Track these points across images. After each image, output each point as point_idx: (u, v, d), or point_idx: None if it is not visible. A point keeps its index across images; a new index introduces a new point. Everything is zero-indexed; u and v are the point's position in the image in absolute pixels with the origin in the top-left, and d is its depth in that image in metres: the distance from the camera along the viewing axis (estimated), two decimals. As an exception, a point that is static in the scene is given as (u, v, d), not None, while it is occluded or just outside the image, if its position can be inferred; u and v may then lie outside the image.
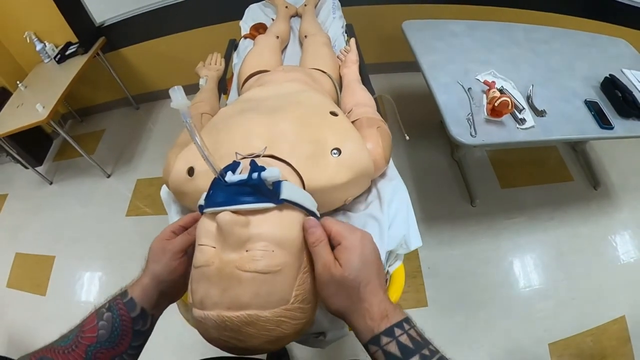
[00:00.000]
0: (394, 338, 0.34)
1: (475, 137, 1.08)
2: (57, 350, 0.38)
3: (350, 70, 1.01)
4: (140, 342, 0.44)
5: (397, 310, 0.36)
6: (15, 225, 2.01)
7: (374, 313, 0.35)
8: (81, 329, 0.40)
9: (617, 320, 1.38)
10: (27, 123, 1.73)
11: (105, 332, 0.40)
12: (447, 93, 1.21)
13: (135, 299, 0.42)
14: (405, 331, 0.34)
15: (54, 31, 2.04)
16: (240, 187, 0.38)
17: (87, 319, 0.41)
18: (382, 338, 0.34)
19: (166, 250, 0.44)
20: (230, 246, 0.37)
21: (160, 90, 2.49)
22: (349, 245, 0.38)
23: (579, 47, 1.51)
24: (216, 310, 0.36)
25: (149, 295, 0.43)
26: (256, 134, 0.57)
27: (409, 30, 1.50)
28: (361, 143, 0.59)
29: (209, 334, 0.37)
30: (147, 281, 0.44)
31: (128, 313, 0.41)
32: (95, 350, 0.39)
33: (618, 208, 1.71)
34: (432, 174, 1.85)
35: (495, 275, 1.52)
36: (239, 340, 0.36)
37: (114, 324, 0.40)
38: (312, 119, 0.61)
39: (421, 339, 0.34)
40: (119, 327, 0.40)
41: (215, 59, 1.22)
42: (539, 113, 1.18)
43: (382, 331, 0.34)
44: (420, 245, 0.62)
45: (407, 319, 0.36)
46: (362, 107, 0.77)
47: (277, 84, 0.83)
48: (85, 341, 0.39)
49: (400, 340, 0.33)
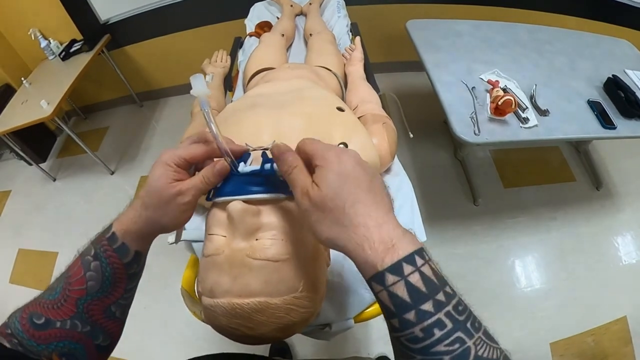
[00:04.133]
0: (403, 277, 0.26)
1: (478, 136, 1.08)
2: (46, 305, 0.35)
3: (355, 68, 1.02)
4: (135, 282, 0.41)
5: (407, 237, 0.29)
6: (18, 221, 2.02)
7: (374, 241, 0.28)
8: (67, 280, 0.36)
9: (619, 321, 1.38)
10: (32, 119, 1.73)
11: (95, 282, 0.36)
12: (450, 92, 1.22)
13: (128, 244, 0.37)
14: (417, 268, 0.27)
15: (58, 28, 2.05)
16: (251, 177, 0.38)
17: (73, 269, 0.37)
18: (387, 276, 0.27)
19: (173, 201, 0.36)
20: (241, 235, 0.38)
21: (164, 88, 2.50)
22: (324, 163, 0.31)
23: (582, 47, 1.51)
24: (226, 297, 0.36)
25: (144, 239, 0.38)
26: (265, 128, 0.57)
27: (413, 30, 1.50)
28: (367, 138, 0.60)
29: (219, 322, 0.38)
30: (144, 228, 0.37)
31: (120, 260, 0.37)
32: (87, 302, 0.36)
33: (620, 209, 1.71)
34: (435, 173, 1.85)
35: (497, 274, 1.53)
36: (248, 327, 0.36)
37: (104, 273, 0.36)
38: (319, 114, 0.61)
39: (436, 279, 0.27)
40: (110, 276, 0.36)
41: (221, 57, 1.23)
42: (542, 112, 1.18)
43: (387, 267, 0.27)
44: (425, 240, 0.62)
45: (419, 251, 0.28)
46: (367, 103, 0.78)
47: (283, 80, 0.84)
48: (74, 294, 0.36)
49: (410, 281, 0.26)
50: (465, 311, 0.27)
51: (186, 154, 0.37)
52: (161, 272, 1.52)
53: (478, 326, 0.27)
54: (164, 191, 0.36)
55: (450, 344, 0.25)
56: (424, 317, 0.26)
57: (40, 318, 0.34)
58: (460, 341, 0.25)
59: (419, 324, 0.26)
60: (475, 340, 0.26)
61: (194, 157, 0.37)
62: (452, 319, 0.26)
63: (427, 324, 0.25)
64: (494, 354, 0.26)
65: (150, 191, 0.36)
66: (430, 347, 0.25)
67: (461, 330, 0.26)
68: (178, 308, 0.66)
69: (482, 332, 0.26)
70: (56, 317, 0.34)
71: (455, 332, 0.25)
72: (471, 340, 0.25)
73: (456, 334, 0.25)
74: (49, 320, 0.34)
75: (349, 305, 0.52)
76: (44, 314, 0.34)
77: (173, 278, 0.72)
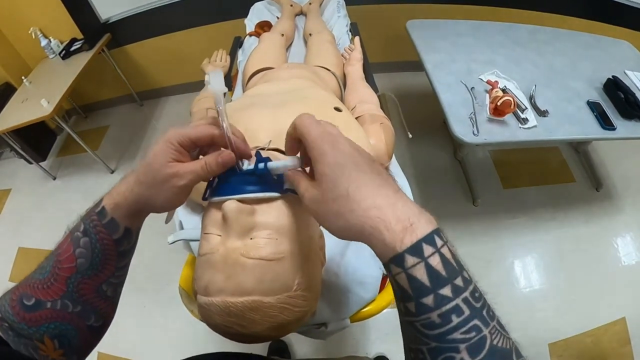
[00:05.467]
0: (423, 259, 0.25)
1: (477, 136, 1.08)
2: (36, 286, 0.34)
3: (354, 68, 1.02)
4: (126, 260, 0.39)
5: (424, 215, 0.27)
6: (18, 220, 2.02)
7: (390, 221, 0.26)
8: (57, 258, 0.35)
9: (618, 322, 1.38)
10: (32, 118, 1.74)
11: (84, 260, 0.34)
12: (450, 92, 1.22)
13: (118, 220, 0.35)
14: (437, 249, 0.25)
15: (59, 27, 2.05)
16: (246, 177, 0.38)
17: (63, 246, 0.35)
18: (406, 258, 0.25)
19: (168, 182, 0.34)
20: (236, 234, 0.38)
21: (165, 87, 2.50)
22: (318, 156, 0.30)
23: (582, 48, 1.51)
24: (220, 296, 0.36)
25: (134, 216, 0.36)
26: (262, 127, 0.58)
27: (413, 30, 1.50)
28: (364, 138, 0.60)
29: (213, 320, 0.38)
30: (134, 205, 0.35)
31: (110, 236, 0.35)
32: (77, 281, 0.34)
33: (620, 209, 1.71)
34: (434, 173, 1.85)
35: (496, 274, 1.53)
36: (241, 326, 0.36)
37: (94, 250, 0.35)
38: (317, 114, 0.61)
39: (455, 262, 0.26)
40: (100, 253, 0.35)
41: (220, 56, 1.23)
42: (542, 113, 1.18)
43: (407, 248, 0.25)
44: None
45: (437, 231, 0.26)
46: (365, 104, 0.78)
47: (282, 80, 0.84)
48: (64, 272, 0.34)
49: (431, 263, 0.25)
50: (481, 298, 0.26)
51: (192, 134, 0.35)
52: (160, 272, 1.53)
53: (492, 315, 0.26)
54: (160, 169, 0.34)
55: (467, 331, 0.24)
56: (442, 302, 0.24)
57: (30, 299, 0.33)
58: (477, 329, 0.24)
59: (436, 309, 0.24)
60: (490, 329, 0.25)
61: (200, 139, 0.35)
62: (470, 305, 0.25)
63: (445, 310, 0.24)
64: (507, 344, 0.25)
65: (147, 167, 0.34)
66: (447, 334, 0.24)
67: (478, 318, 0.24)
68: (177, 307, 0.66)
69: (496, 322, 0.25)
70: (46, 298, 0.33)
71: (472, 320, 0.24)
72: (487, 329, 0.24)
73: (473, 321, 0.24)
74: (39, 301, 0.33)
75: (345, 305, 0.52)
76: (34, 295, 0.33)
77: (172, 277, 0.72)
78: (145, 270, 1.60)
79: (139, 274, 1.58)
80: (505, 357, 0.25)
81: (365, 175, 0.29)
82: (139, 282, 1.57)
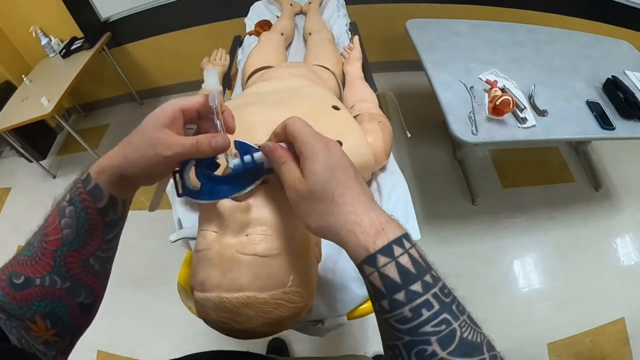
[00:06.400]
0: (393, 258, 0.27)
1: (476, 135, 1.08)
2: (24, 262, 0.33)
3: (353, 67, 1.02)
4: (114, 233, 0.37)
5: (394, 222, 0.30)
6: (18, 218, 2.03)
7: (365, 226, 0.29)
8: (44, 231, 0.34)
9: (617, 322, 1.38)
10: (32, 117, 1.74)
11: (70, 230, 0.33)
12: (449, 91, 1.22)
13: (102, 186, 0.33)
14: (405, 250, 0.28)
15: (59, 26, 2.05)
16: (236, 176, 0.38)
17: (49, 218, 0.34)
18: (378, 257, 0.27)
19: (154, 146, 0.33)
20: (231, 231, 0.38)
21: (165, 86, 2.50)
22: (311, 154, 0.31)
23: (581, 48, 1.51)
24: (216, 292, 0.37)
25: (116, 182, 0.34)
26: (259, 126, 0.58)
27: (413, 29, 1.50)
28: (362, 136, 0.60)
29: (209, 315, 0.38)
30: (116, 166, 0.33)
31: (94, 204, 0.33)
32: (63, 254, 0.33)
33: (619, 210, 1.71)
34: (434, 173, 1.85)
35: (495, 274, 1.53)
36: (237, 322, 0.37)
37: (79, 219, 0.33)
38: (314, 112, 0.61)
39: (423, 262, 0.28)
40: (85, 222, 0.33)
41: (220, 55, 1.24)
42: (541, 113, 1.18)
43: (379, 249, 0.27)
44: (419, 239, 0.62)
45: (406, 235, 0.29)
46: (364, 102, 0.78)
47: (280, 79, 0.84)
48: (50, 245, 0.33)
49: (400, 262, 0.27)
50: (450, 294, 0.28)
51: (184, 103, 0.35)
52: (159, 269, 1.53)
53: (462, 310, 0.28)
54: (150, 132, 0.33)
55: (437, 324, 0.26)
56: (413, 297, 0.26)
57: (19, 277, 0.32)
58: (447, 322, 0.26)
59: (408, 304, 0.26)
60: (460, 322, 0.26)
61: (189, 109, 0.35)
62: (439, 300, 0.27)
63: (415, 304, 0.26)
64: (477, 338, 0.27)
65: (139, 129, 0.34)
66: (419, 328, 0.26)
67: (447, 312, 0.26)
68: (176, 305, 0.66)
69: (466, 316, 0.27)
70: (35, 274, 0.32)
71: (442, 314, 0.26)
72: (456, 323, 0.26)
73: (443, 315, 0.26)
74: (28, 278, 0.32)
75: (342, 302, 0.52)
76: (23, 272, 0.32)
77: (172, 275, 0.73)
78: (144, 267, 1.60)
79: (138, 271, 1.58)
80: (476, 349, 0.26)
81: (349, 181, 0.31)
82: (138, 279, 1.58)
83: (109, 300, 1.10)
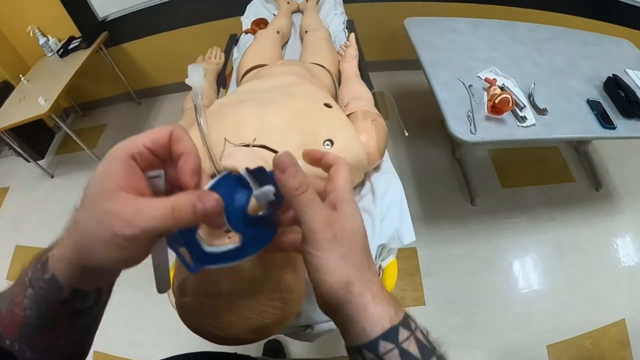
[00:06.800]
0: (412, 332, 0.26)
1: (474, 134, 1.07)
2: None
3: (349, 65, 1.01)
4: (87, 320, 0.30)
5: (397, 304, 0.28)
6: (16, 218, 2.02)
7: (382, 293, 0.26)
8: (12, 299, 0.28)
9: (617, 324, 1.37)
10: (29, 116, 1.73)
11: (32, 312, 0.27)
12: (447, 90, 1.20)
13: (59, 278, 0.25)
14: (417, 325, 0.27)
15: (57, 25, 2.05)
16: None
17: (16, 287, 0.28)
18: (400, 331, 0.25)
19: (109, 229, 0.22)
20: (214, 235, 0.37)
21: (162, 86, 2.49)
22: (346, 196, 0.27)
23: (582, 46, 1.49)
24: (196, 296, 0.36)
25: (79, 276, 0.26)
26: (248, 124, 0.57)
27: (411, 28, 1.49)
28: (354, 135, 0.59)
29: (190, 320, 0.37)
30: (71, 258, 0.25)
31: (56, 295, 0.26)
32: (29, 333, 0.27)
33: (620, 210, 1.69)
34: (432, 172, 1.84)
35: (495, 275, 1.51)
36: (217, 328, 0.36)
37: (39, 306, 0.26)
38: (305, 110, 0.60)
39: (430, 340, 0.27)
40: (46, 311, 0.27)
41: (215, 53, 1.23)
42: (541, 111, 1.16)
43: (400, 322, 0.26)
44: (414, 240, 0.61)
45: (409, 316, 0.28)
46: (358, 100, 0.77)
47: (274, 77, 0.83)
48: (17, 319, 0.27)
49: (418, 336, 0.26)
50: None
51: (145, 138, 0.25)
52: (155, 270, 1.52)
53: None
54: (97, 203, 0.23)
55: None
56: None
57: None
58: None
59: None
60: None
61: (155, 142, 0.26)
62: None
63: None
64: None
65: (83, 198, 0.24)
66: None
67: None
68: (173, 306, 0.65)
69: None
70: (6, 335, 0.28)
71: None
72: None
73: None
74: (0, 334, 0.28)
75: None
76: None
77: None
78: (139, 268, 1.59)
79: (134, 272, 1.57)
80: None
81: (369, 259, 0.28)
82: (133, 280, 1.56)
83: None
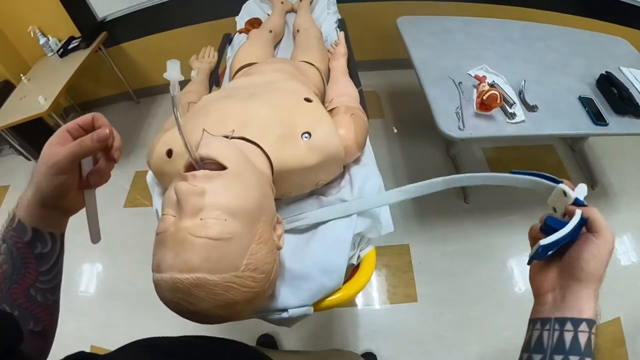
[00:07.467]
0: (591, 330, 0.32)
1: (462, 131, 1.07)
2: None
3: (338, 63, 1.02)
4: (48, 265, 0.39)
5: None
6: (16, 215, 2.06)
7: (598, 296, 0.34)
8: None
9: (613, 322, 1.36)
10: (30, 115, 1.76)
11: (8, 266, 0.36)
12: (437, 87, 1.21)
13: (24, 221, 0.37)
14: None
15: (57, 26, 2.08)
16: None
17: None
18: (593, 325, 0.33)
19: (50, 163, 0.36)
20: (187, 214, 0.39)
21: (161, 85, 2.51)
22: (605, 235, 0.34)
23: (576, 44, 1.49)
24: (169, 272, 0.38)
25: (34, 213, 0.37)
26: (230, 117, 0.58)
27: (404, 26, 1.50)
28: (332, 128, 0.60)
29: (164, 296, 0.39)
30: (30, 197, 0.37)
31: (21, 238, 0.36)
32: (7, 287, 0.36)
33: (616, 209, 1.68)
34: (426, 171, 1.84)
35: (488, 273, 1.51)
36: (189, 302, 0.38)
37: (12, 254, 0.36)
38: (285, 103, 0.62)
39: None
40: (18, 257, 0.36)
41: (208, 52, 1.24)
42: (531, 108, 1.17)
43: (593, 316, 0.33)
44: (393, 231, 0.62)
45: None
46: (343, 96, 0.78)
47: (262, 74, 0.84)
48: None
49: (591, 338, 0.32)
50: None
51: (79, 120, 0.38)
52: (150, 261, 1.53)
53: None
54: (44, 156, 0.36)
55: None
56: None
57: None
58: None
59: None
60: None
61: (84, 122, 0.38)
62: None
63: None
64: None
65: (42, 154, 0.36)
66: None
67: None
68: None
69: None
70: None
71: None
72: None
73: None
74: None
75: (308, 292, 0.52)
76: None
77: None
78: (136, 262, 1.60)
79: (130, 266, 1.59)
80: None
81: None
82: (130, 273, 1.58)
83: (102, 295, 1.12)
